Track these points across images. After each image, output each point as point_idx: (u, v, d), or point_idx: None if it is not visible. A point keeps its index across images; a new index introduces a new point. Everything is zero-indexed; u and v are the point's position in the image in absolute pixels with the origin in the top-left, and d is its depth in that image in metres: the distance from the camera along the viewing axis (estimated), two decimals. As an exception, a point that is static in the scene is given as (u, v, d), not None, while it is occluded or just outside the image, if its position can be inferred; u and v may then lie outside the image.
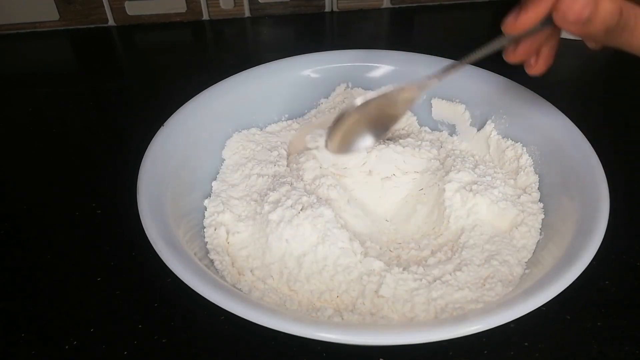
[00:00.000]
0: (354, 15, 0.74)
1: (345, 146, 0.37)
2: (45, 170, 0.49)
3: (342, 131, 0.35)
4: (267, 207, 0.37)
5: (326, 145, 0.36)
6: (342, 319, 0.32)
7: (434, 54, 0.48)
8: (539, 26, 0.30)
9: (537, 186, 0.39)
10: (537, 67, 0.34)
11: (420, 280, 0.34)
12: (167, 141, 0.39)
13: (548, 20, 0.29)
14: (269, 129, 0.48)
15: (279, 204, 0.37)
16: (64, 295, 0.37)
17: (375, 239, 0.39)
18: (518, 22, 0.29)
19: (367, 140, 0.37)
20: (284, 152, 0.44)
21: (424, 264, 0.36)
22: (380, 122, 0.36)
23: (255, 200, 0.40)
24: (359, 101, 0.34)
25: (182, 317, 0.35)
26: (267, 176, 0.42)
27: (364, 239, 0.38)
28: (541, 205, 0.38)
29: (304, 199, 0.37)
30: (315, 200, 0.37)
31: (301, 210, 0.36)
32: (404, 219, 0.41)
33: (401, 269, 0.35)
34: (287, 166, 0.43)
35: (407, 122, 0.48)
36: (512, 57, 0.33)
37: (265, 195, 0.39)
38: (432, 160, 0.43)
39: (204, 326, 0.35)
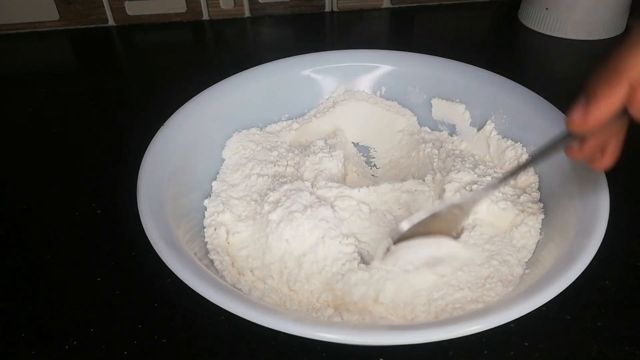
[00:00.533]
0: (354, 15, 0.74)
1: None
2: (45, 170, 0.49)
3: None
4: (267, 207, 0.37)
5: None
6: (342, 319, 0.32)
7: (434, 54, 0.48)
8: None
9: (537, 186, 0.39)
10: (603, 163, 0.29)
11: (421, 280, 0.34)
12: (167, 141, 0.39)
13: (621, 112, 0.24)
14: (269, 129, 0.48)
15: (279, 204, 0.37)
16: (64, 295, 0.37)
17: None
18: (589, 119, 0.24)
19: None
20: (284, 152, 0.44)
21: (424, 264, 0.36)
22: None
23: (255, 200, 0.40)
24: (404, 225, 0.33)
25: (182, 317, 0.35)
26: (267, 176, 0.42)
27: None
28: (541, 205, 0.38)
29: (304, 199, 0.37)
30: (315, 200, 0.37)
31: (301, 210, 0.36)
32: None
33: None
34: (287, 164, 0.43)
35: (407, 122, 0.48)
36: (577, 155, 0.28)
37: (265, 195, 0.39)
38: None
39: (204, 326, 0.35)
